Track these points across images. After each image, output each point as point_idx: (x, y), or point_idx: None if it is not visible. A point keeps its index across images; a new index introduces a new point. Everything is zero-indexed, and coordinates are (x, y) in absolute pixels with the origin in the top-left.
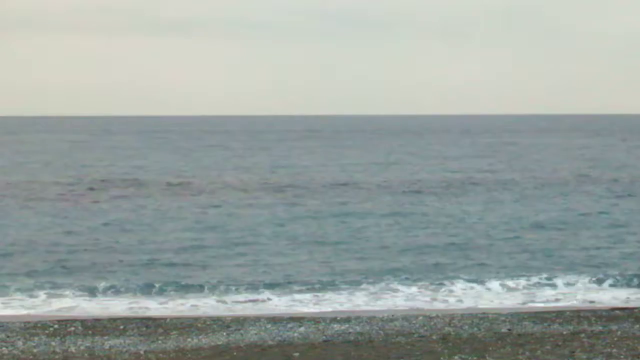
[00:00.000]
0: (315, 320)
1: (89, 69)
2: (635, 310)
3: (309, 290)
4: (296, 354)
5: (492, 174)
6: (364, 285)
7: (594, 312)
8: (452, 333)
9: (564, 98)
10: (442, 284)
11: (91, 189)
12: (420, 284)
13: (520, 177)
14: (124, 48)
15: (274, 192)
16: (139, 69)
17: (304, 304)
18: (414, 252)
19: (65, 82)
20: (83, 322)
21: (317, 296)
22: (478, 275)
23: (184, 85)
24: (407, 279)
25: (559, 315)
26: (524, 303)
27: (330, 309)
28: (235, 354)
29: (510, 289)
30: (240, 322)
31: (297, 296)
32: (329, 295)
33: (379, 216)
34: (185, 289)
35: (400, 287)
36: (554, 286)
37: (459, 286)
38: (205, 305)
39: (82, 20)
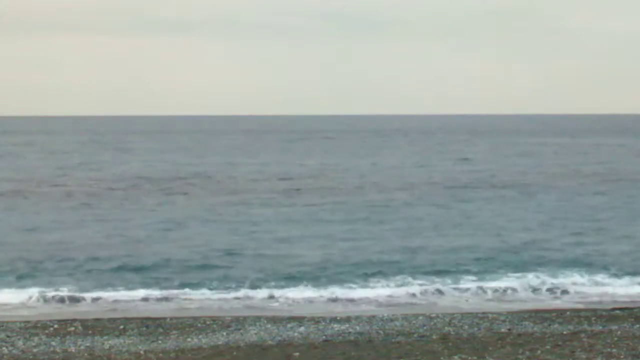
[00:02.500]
0: (315, 320)
1: (88, 69)
2: (635, 310)
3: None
4: (296, 354)
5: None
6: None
7: (594, 312)
8: (452, 333)
9: (564, 98)
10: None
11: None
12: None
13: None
14: (124, 48)
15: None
16: (139, 69)
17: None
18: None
19: (65, 82)
20: (83, 322)
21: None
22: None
23: (184, 85)
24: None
25: (559, 315)
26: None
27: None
28: (235, 354)
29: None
30: (240, 322)
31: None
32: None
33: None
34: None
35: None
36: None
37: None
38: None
39: (82, 20)
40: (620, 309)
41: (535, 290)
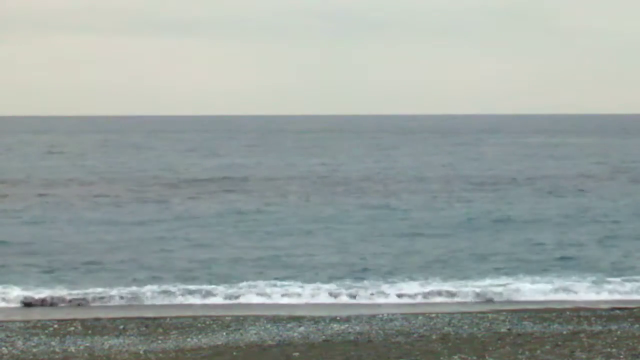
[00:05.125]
0: (315, 320)
1: (88, 69)
2: (635, 310)
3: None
4: (296, 354)
5: None
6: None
7: (593, 312)
8: (452, 333)
9: (564, 98)
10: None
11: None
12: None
13: None
14: (124, 48)
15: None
16: (139, 69)
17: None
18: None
19: (65, 82)
20: (83, 322)
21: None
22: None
23: (184, 85)
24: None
25: (559, 315)
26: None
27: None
28: (235, 353)
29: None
30: (240, 322)
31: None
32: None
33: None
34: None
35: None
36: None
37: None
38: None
39: (82, 20)
40: (619, 308)
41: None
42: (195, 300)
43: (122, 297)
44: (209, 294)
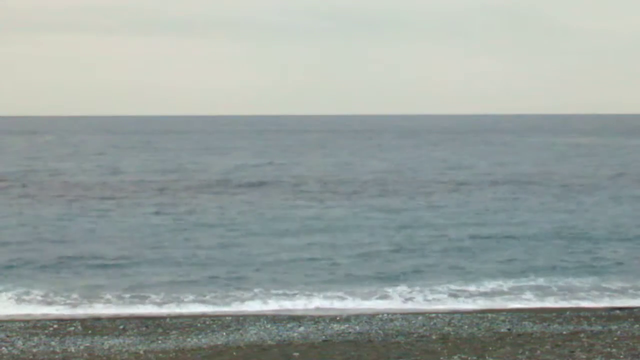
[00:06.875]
0: (315, 320)
1: (89, 69)
2: (635, 310)
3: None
4: (296, 354)
5: None
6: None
7: (593, 312)
8: (452, 333)
9: (564, 98)
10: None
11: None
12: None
13: None
14: (124, 48)
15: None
16: (139, 69)
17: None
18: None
19: (65, 82)
20: (83, 321)
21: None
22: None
23: (184, 86)
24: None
25: (559, 315)
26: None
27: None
28: (235, 354)
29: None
30: (240, 322)
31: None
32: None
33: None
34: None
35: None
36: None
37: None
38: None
39: (82, 19)
40: (620, 308)
41: None
42: (199, 306)
43: (123, 299)
44: (214, 299)
